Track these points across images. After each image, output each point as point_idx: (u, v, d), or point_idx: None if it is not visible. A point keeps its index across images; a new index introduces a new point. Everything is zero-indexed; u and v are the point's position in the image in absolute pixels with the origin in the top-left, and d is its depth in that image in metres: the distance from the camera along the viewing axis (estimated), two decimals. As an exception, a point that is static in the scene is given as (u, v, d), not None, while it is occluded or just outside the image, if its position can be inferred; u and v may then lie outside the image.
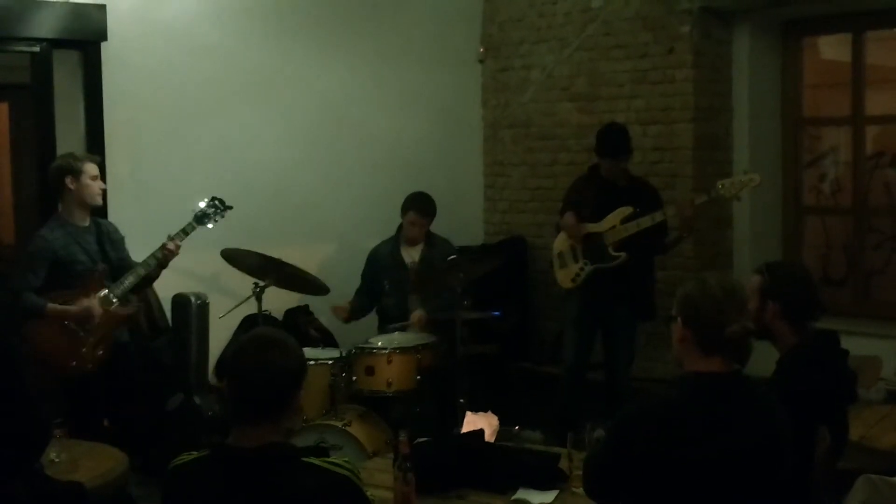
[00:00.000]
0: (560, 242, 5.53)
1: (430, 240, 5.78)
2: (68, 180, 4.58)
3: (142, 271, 4.71)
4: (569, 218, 5.39)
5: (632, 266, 5.31)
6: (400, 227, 5.81)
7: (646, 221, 5.21)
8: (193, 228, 4.82)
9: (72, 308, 4.54)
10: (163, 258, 4.72)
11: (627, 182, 5.43)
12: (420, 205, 5.71)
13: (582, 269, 5.40)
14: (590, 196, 5.42)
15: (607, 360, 5.58)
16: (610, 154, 5.37)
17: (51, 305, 4.50)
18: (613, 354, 5.53)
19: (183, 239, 4.78)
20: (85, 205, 4.67)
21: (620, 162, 5.38)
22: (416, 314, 5.53)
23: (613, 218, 5.30)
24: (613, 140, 5.38)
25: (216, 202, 4.91)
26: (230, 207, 4.93)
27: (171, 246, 4.72)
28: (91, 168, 4.66)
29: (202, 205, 4.88)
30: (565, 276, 5.49)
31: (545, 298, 6.69)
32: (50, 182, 4.70)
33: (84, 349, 4.56)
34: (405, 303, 5.66)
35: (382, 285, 5.75)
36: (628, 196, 5.35)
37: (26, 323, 4.47)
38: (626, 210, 5.28)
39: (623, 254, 5.28)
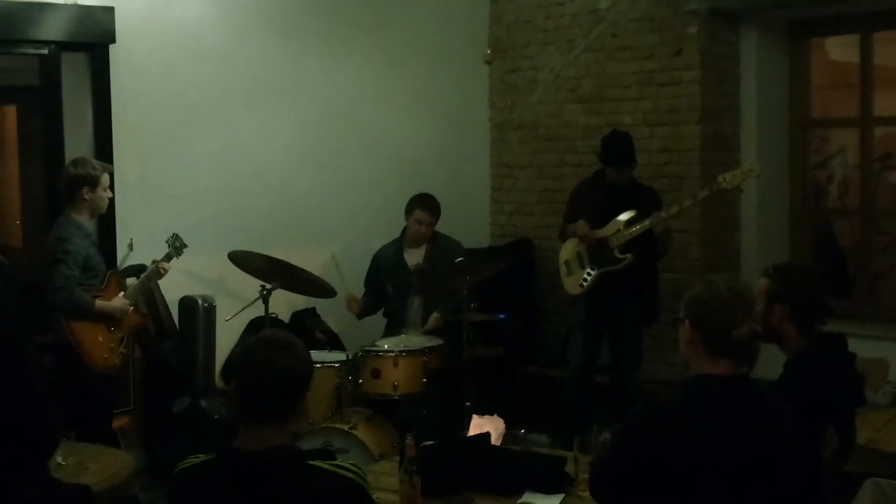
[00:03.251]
0: (566, 251, 5.55)
1: (436, 240, 5.76)
2: (85, 190, 4.62)
3: (145, 281, 4.87)
4: (582, 227, 5.39)
5: (637, 267, 5.32)
6: (404, 231, 5.81)
7: (648, 224, 5.23)
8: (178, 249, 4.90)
9: (115, 303, 4.66)
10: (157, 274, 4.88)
11: (631, 185, 5.46)
12: (426, 202, 5.70)
13: (589, 273, 5.40)
14: (597, 200, 5.44)
15: (614, 363, 5.59)
16: (615, 163, 5.39)
17: (98, 303, 4.59)
18: (621, 356, 5.53)
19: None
20: (96, 212, 4.75)
21: (625, 171, 5.40)
22: (433, 318, 5.52)
23: (617, 221, 5.31)
24: (619, 150, 5.40)
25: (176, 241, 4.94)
26: (185, 246, 4.97)
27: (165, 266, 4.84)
28: (106, 179, 4.71)
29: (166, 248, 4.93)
30: (573, 283, 5.50)
31: (552, 301, 6.67)
32: (63, 187, 4.70)
33: (112, 345, 4.67)
34: (407, 306, 5.66)
35: (386, 288, 5.75)
36: (632, 199, 5.38)
37: (70, 318, 4.52)
38: (630, 213, 5.30)
39: (629, 255, 5.29)
